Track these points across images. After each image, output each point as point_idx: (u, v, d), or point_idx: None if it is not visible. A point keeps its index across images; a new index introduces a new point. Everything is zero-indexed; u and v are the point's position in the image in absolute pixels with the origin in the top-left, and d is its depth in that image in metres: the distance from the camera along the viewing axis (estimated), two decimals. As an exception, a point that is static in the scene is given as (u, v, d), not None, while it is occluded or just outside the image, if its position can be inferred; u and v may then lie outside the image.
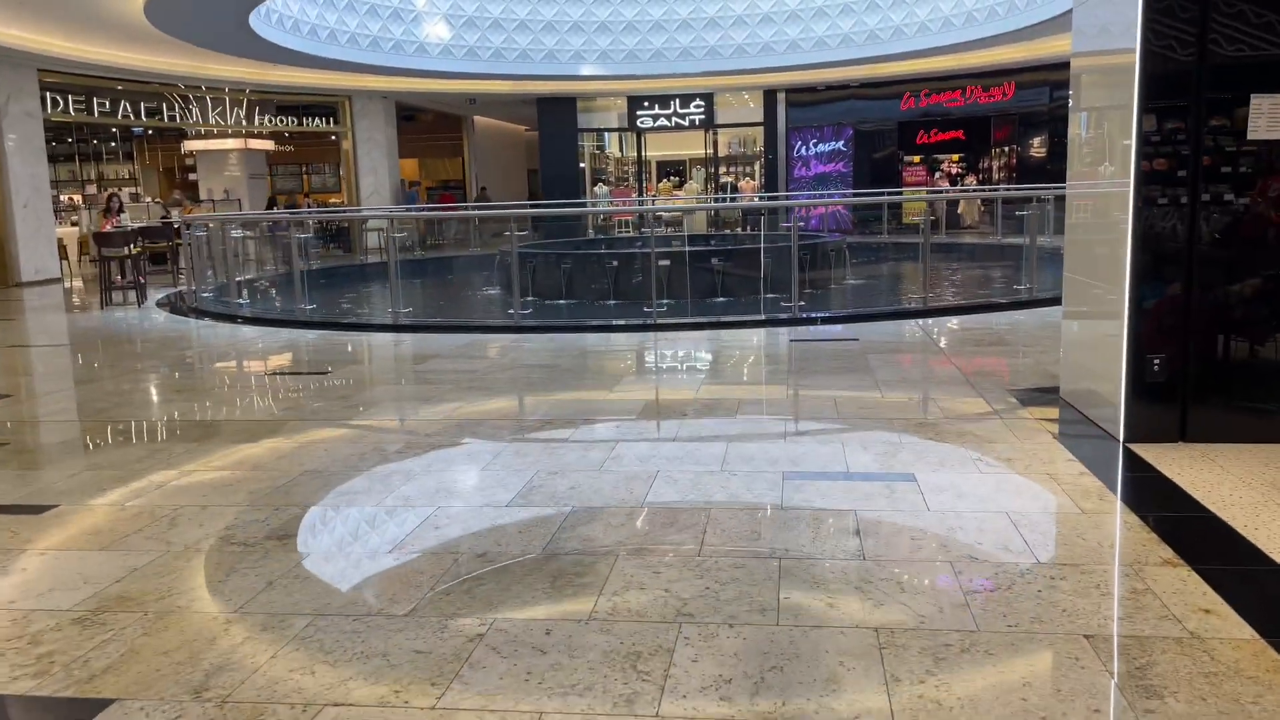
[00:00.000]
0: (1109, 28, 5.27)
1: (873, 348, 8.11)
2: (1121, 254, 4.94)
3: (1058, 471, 4.53)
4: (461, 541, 3.85)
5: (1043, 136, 22.89)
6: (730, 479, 4.57)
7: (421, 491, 4.53)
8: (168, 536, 3.99)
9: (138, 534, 4.03)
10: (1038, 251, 11.25)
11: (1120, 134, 5.00)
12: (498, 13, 20.71)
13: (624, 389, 6.79)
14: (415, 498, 4.45)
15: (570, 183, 25.84)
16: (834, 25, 20.63)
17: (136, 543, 3.93)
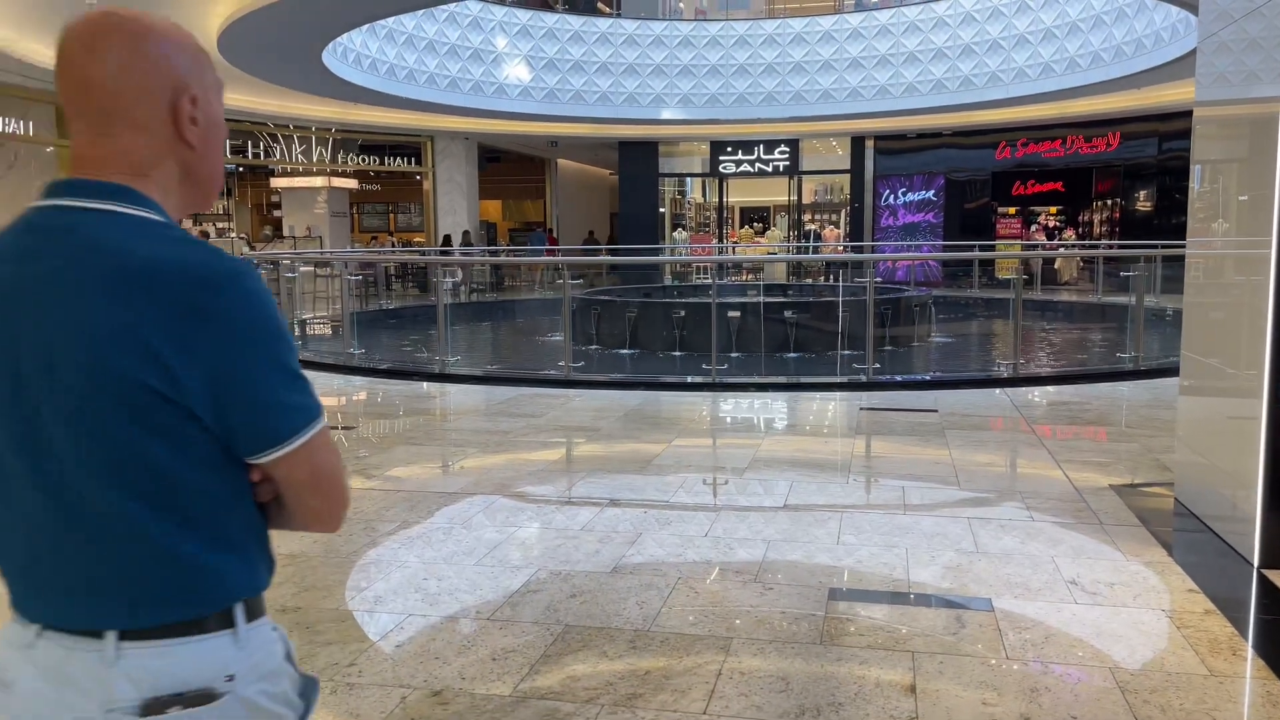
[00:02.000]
0: (1254, 73, 4.40)
1: (953, 422, 7.21)
2: (1259, 330, 4.04)
3: (1175, 607, 3.62)
4: (418, 671, 3.15)
5: (1150, 190, 21.51)
6: (764, 595, 3.79)
7: (396, 590, 3.85)
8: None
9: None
10: (1144, 314, 10.17)
11: (1258, 190, 4.11)
12: (579, 55, 20.45)
13: (659, 465, 6.05)
14: (388, 598, 3.78)
15: (649, 228, 25.36)
16: (925, 71, 19.77)
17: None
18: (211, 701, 1.12)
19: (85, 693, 1.11)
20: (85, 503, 1.11)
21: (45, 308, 1.09)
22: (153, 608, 1.13)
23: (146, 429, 1.09)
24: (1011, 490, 5.41)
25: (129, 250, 1.10)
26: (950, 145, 23.85)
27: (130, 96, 1.15)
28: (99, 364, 1.07)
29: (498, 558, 4.25)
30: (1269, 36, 4.14)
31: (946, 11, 19.57)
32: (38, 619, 1.15)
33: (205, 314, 1.08)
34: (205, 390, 1.10)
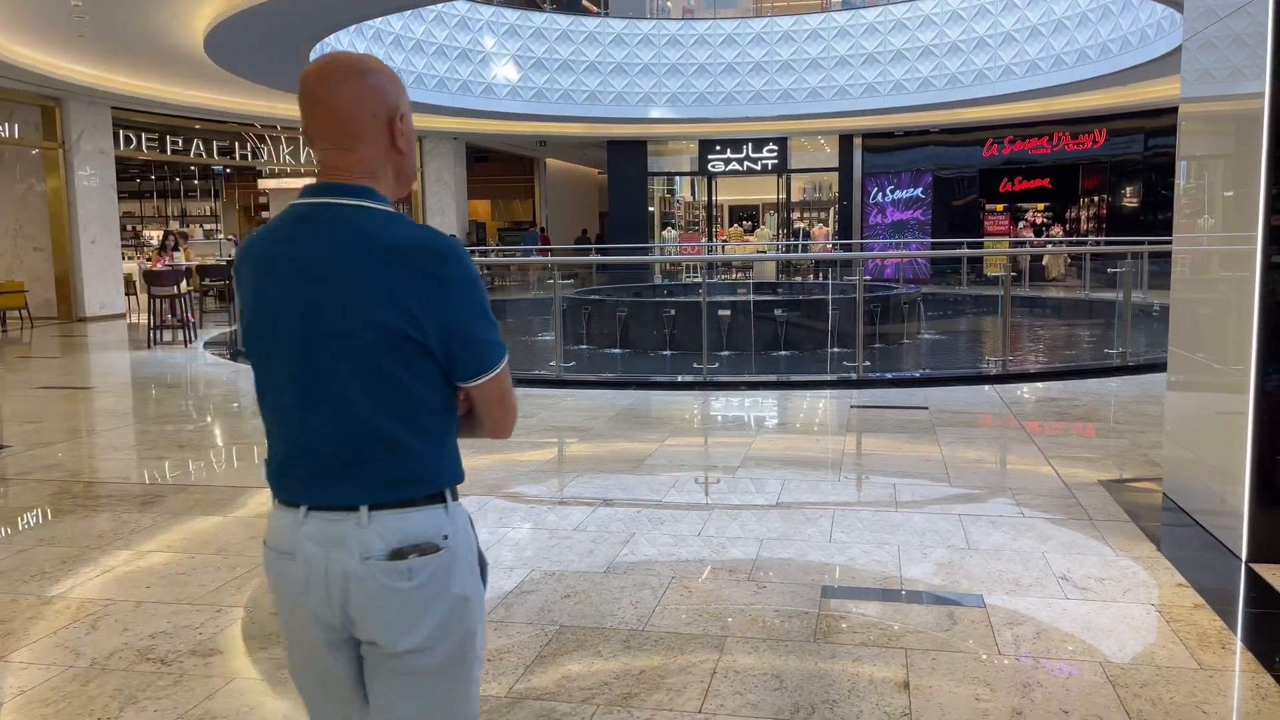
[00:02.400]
0: (1239, 70, 4.44)
1: (943, 419, 7.24)
2: (1245, 326, 4.07)
3: (1165, 601, 3.65)
4: (414, 671, 3.15)
5: (1136, 186, 21.63)
6: (757, 593, 3.80)
7: (391, 593, 3.86)
8: (80, 645, 3.38)
9: (49, 639, 3.44)
10: (1132, 310, 10.23)
11: (1244, 186, 4.15)
12: (567, 54, 20.43)
13: (651, 465, 6.06)
14: (382, 601, 3.78)
15: (638, 226, 25.36)
16: (913, 69, 19.82)
17: (43, 652, 3.33)
18: (436, 553, 1.56)
19: (348, 550, 1.54)
20: (350, 415, 1.54)
21: (330, 276, 1.52)
22: (395, 488, 1.56)
23: (397, 359, 1.52)
24: (1002, 486, 5.44)
25: (385, 235, 1.52)
26: (938, 143, 23.92)
27: (362, 121, 1.58)
28: (369, 315, 1.50)
29: (491, 559, 4.25)
30: (1253, 33, 4.15)
31: (933, 9, 19.63)
32: (304, 502, 1.57)
33: (437, 278, 1.52)
34: (436, 332, 1.53)
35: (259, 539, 4.55)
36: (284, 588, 1.62)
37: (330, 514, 1.56)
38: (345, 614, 1.57)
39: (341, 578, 1.55)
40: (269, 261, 1.60)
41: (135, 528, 4.78)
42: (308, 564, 1.57)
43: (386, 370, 1.53)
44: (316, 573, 1.56)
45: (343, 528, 1.55)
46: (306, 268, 1.54)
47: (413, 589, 1.55)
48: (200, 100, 17.80)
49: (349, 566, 1.54)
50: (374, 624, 1.56)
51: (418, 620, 1.56)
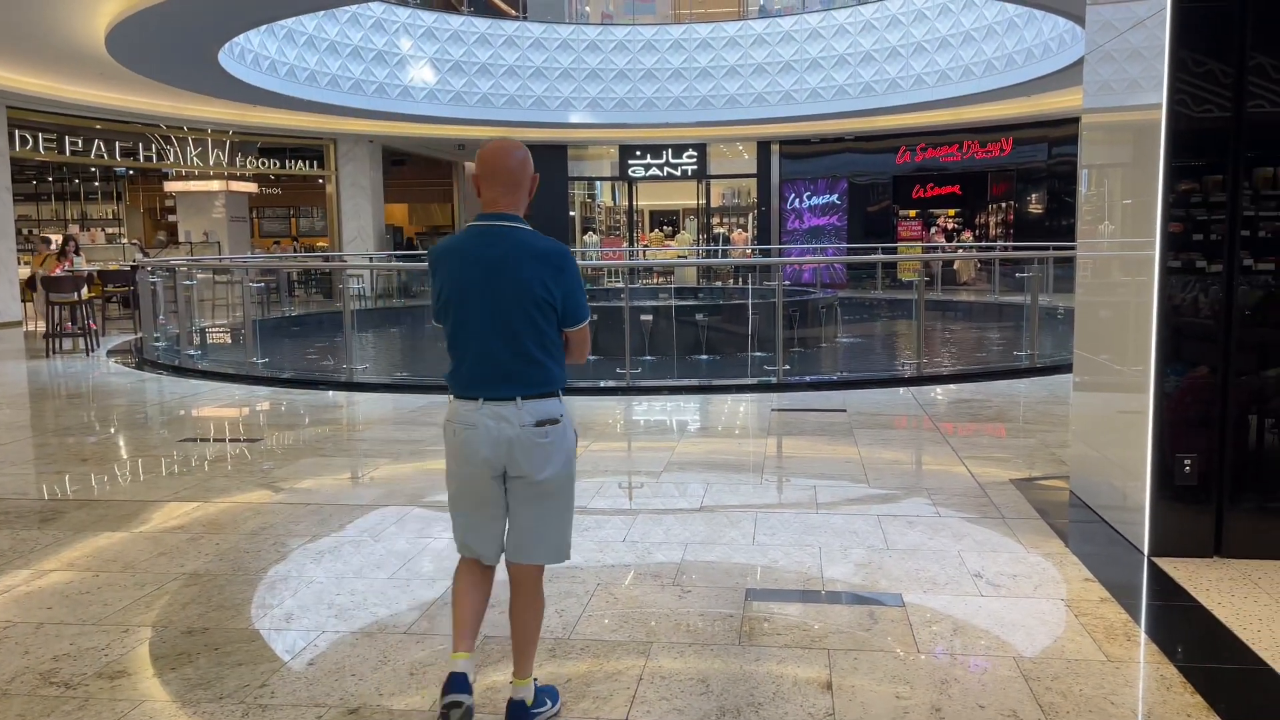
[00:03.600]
0: (1136, 82, 4.63)
1: (861, 421, 7.38)
2: (1145, 330, 4.25)
3: (1073, 596, 3.78)
4: (334, 690, 3.08)
5: (1041, 193, 22.40)
6: (682, 598, 3.82)
7: (307, 606, 3.76)
8: (-25, 671, 3.21)
9: (-59, 666, 3.26)
10: (1038, 313, 10.58)
11: (1142, 194, 4.33)
12: (485, 58, 20.27)
13: (588, 462, 6.03)
14: (299, 615, 3.69)
15: (559, 231, 25.26)
16: (828, 77, 20.21)
17: (-66, 679, 3.15)
18: (557, 423, 2.67)
19: (510, 422, 2.63)
20: (516, 345, 2.63)
21: (504, 267, 2.61)
22: (535, 387, 2.65)
23: (540, 314, 2.63)
24: (918, 486, 5.56)
25: (533, 244, 2.65)
26: (853, 150, 24.41)
27: (522, 177, 2.71)
28: (527, 289, 2.60)
29: (412, 570, 4.19)
30: (1150, 47, 4.34)
31: (847, 19, 20.04)
32: (479, 396, 2.66)
33: (561, 269, 2.64)
34: (560, 298, 2.64)
35: (169, 555, 4.40)
36: (465, 446, 2.70)
37: (500, 403, 2.66)
38: (508, 458, 2.67)
39: (506, 439, 2.66)
40: (462, 256, 2.70)
41: (34, 546, 4.57)
42: (486, 430, 2.66)
43: (534, 320, 2.66)
44: (491, 435, 2.66)
45: (507, 409, 2.66)
46: (489, 262, 2.65)
47: (547, 443, 2.69)
48: (102, 100, 17.17)
49: (511, 433, 2.66)
50: (525, 464, 2.68)
51: (550, 460, 2.70)
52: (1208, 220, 4.13)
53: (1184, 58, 4.05)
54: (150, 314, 12.61)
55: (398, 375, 10.93)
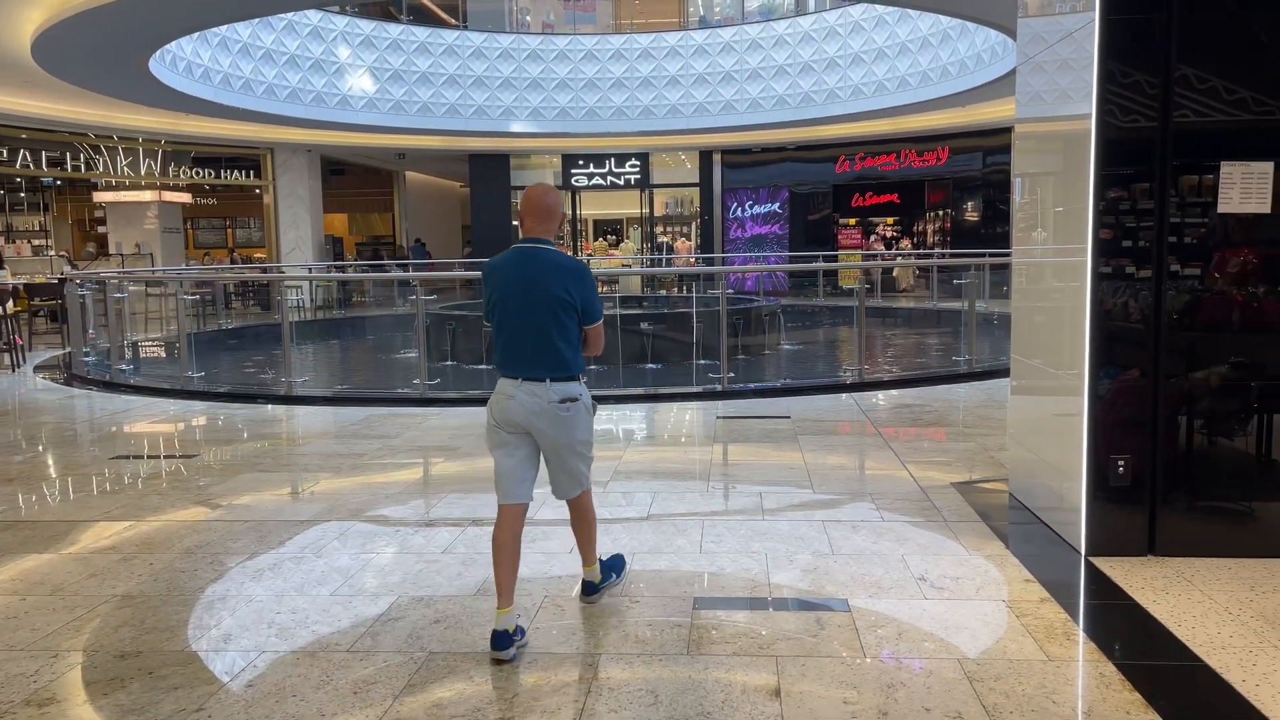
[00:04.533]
0: (1066, 93, 4.74)
1: (805, 428, 7.45)
2: (1079, 335, 4.35)
3: (1014, 597, 3.84)
4: (274, 711, 3.00)
5: (976, 201, 22.88)
6: (630, 608, 3.80)
7: (246, 626, 3.67)
8: (-108, 703, 3.07)
9: None
10: (976, 319, 10.79)
11: (1074, 202, 4.43)
12: (425, 67, 20.11)
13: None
14: (238, 635, 3.59)
15: (503, 241, 25.11)
16: (768, 87, 20.42)
17: None
18: (576, 401, 3.52)
19: (541, 397, 3.48)
20: (545, 338, 3.47)
21: (538, 279, 3.46)
22: (559, 371, 3.49)
23: (565, 314, 3.48)
24: (862, 491, 5.62)
25: (560, 260, 3.50)
26: (793, 159, 24.70)
27: (556, 211, 3.60)
28: (554, 295, 3.45)
29: (355, 586, 4.11)
30: (1079, 58, 4.46)
31: (786, 30, 20.28)
32: (518, 376, 3.49)
33: (581, 279, 3.52)
34: (580, 302, 3.50)
35: (100, 576, 4.26)
36: (506, 411, 3.52)
37: (532, 383, 3.49)
38: (537, 424, 3.51)
39: (538, 410, 3.50)
40: (506, 270, 3.53)
41: (-43, 570, 4.39)
42: (521, 401, 3.49)
43: (560, 319, 3.49)
44: (525, 406, 3.49)
45: (539, 387, 3.48)
46: (526, 274, 3.49)
47: (569, 415, 3.54)
48: (27, 108, 16.69)
49: (541, 405, 3.49)
50: (551, 431, 3.54)
51: (572, 429, 3.57)
52: (1136, 227, 4.25)
53: (1112, 69, 4.16)
54: (79, 328, 12.25)
55: (338, 388, 10.76)
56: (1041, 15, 5.09)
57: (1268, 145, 4.17)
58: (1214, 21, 4.21)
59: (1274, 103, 4.15)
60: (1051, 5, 4.97)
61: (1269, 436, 4.31)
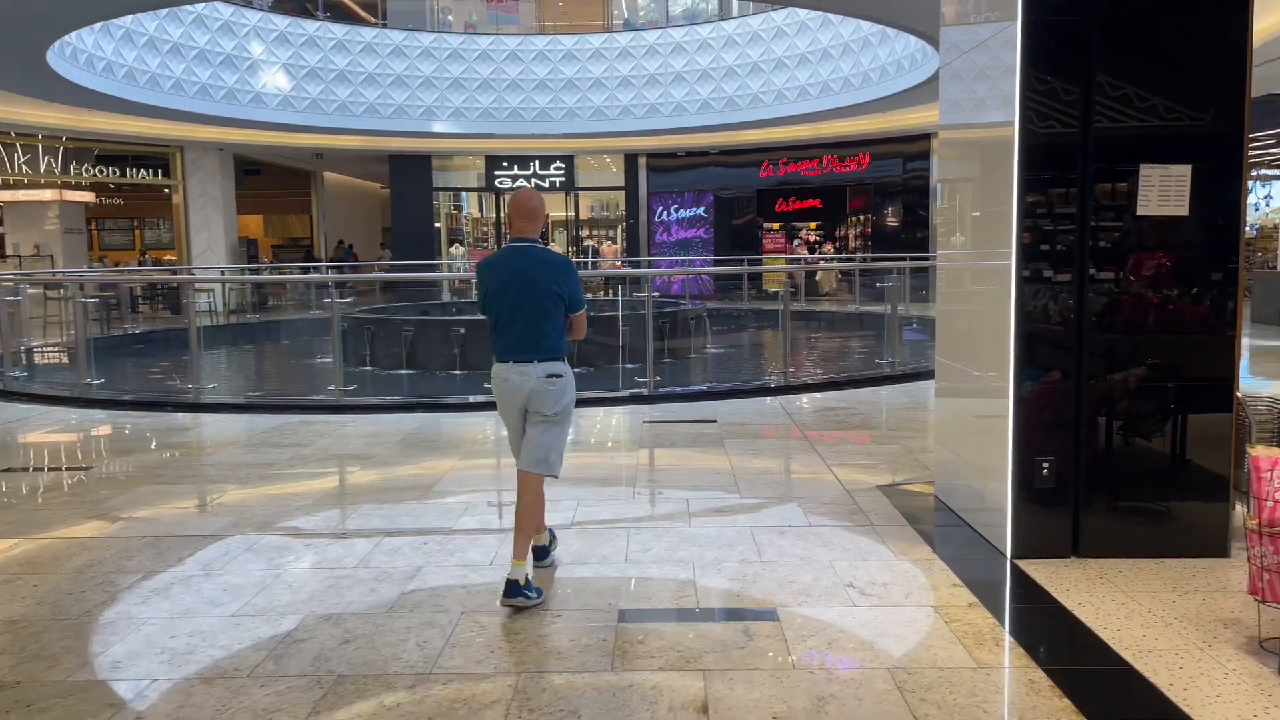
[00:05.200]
0: (983, 101, 4.74)
1: (731, 431, 7.38)
2: (1003, 336, 4.34)
3: (943, 602, 3.80)
4: (165, 744, 2.77)
5: (896, 206, 23.27)
6: (553, 623, 3.65)
7: (138, 652, 3.41)
8: None
9: None
10: (899, 322, 10.89)
11: (997, 207, 4.43)
12: (343, 65, 19.64)
13: (440, 491, 5.80)
14: (128, 662, 3.33)
15: (424, 243, 24.74)
16: (692, 91, 20.46)
17: None
18: (561, 378, 3.97)
19: (530, 376, 3.92)
20: (535, 326, 3.91)
21: (534, 272, 3.92)
22: (546, 353, 3.94)
23: (553, 304, 3.92)
24: (789, 495, 5.55)
25: (548, 257, 4.01)
26: (718, 164, 24.80)
27: (540, 213, 4.07)
28: (544, 287, 3.91)
29: (259, 605, 3.87)
30: (994, 67, 4.51)
31: (710, 34, 20.35)
32: (510, 359, 3.95)
33: (566, 272, 3.98)
34: (567, 293, 3.95)
35: (-23, 601, 3.93)
36: (503, 394, 3.98)
37: (522, 364, 3.90)
38: (529, 400, 3.93)
39: (528, 388, 3.91)
40: (499, 266, 3.97)
41: None
42: (513, 382, 3.93)
43: (547, 308, 3.90)
44: (518, 385, 3.92)
45: (528, 367, 3.90)
46: (517, 269, 3.91)
47: (555, 390, 3.93)
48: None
49: (531, 384, 3.90)
50: (539, 403, 3.93)
51: (556, 401, 3.95)
52: (1055, 230, 4.26)
53: (1033, 77, 4.16)
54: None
55: (250, 395, 10.36)
56: (962, 24, 5.10)
57: (1179, 151, 4.21)
58: (1130, 31, 4.23)
59: (1183, 109, 4.20)
60: (969, 15, 4.97)
61: (1184, 437, 4.35)
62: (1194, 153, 4.20)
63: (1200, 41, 4.20)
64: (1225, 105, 4.18)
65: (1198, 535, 4.27)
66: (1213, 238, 4.27)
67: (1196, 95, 4.19)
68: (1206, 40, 4.20)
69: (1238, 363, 4.33)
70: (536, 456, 3.97)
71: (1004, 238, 4.31)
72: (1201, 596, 3.77)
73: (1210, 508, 4.28)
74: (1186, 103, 4.20)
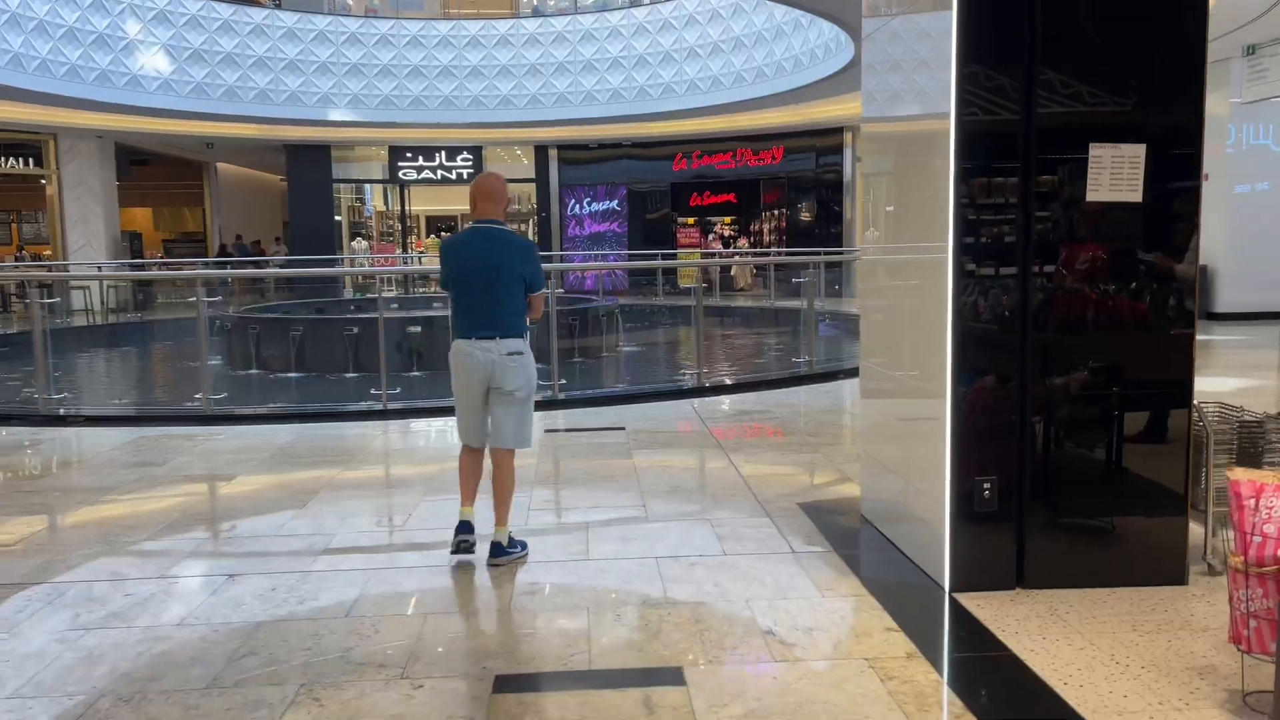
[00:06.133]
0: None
1: (641, 440, 6.78)
2: (938, 341, 3.81)
3: (877, 653, 3.24)
4: None
5: (810, 201, 23.01)
6: (411, 698, 2.98)
7: None
8: None
9: None
10: (815, 318, 10.45)
11: (931, 199, 3.90)
12: (231, 47, 18.44)
13: (299, 521, 5.05)
14: None
15: (325, 237, 23.59)
16: (603, 80, 19.82)
17: None
18: (521, 354, 4.28)
19: (491, 352, 4.21)
20: (498, 305, 4.23)
21: (493, 253, 4.26)
22: (509, 330, 4.26)
23: (516, 285, 4.26)
24: (701, 516, 4.96)
25: (510, 239, 4.38)
26: (631, 157, 24.21)
27: (500, 194, 4.42)
28: (508, 267, 4.25)
29: (42, 682, 3.11)
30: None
31: (621, 22, 19.74)
32: (473, 336, 4.22)
33: (527, 255, 4.37)
34: (529, 274, 4.31)
35: None
36: (465, 368, 4.21)
37: (486, 340, 4.17)
38: (490, 375, 4.18)
39: (490, 362, 4.17)
40: (462, 246, 4.32)
41: None
42: (475, 357, 4.18)
43: (509, 287, 4.22)
44: (479, 360, 4.18)
45: (491, 344, 4.18)
46: (480, 249, 4.25)
47: (515, 365, 4.21)
48: None
49: (493, 358, 4.18)
50: (501, 379, 4.19)
51: (516, 376, 4.22)
52: (997, 221, 3.75)
53: (973, 70, 3.64)
54: None
55: (113, 404, 9.37)
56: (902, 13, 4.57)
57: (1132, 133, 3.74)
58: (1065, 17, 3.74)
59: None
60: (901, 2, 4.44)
61: (1121, 449, 3.89)
62: (1148, 133, 3.73)
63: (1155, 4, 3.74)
64: (1181, 76, 3.72)
65: (1153, 560, 3.82)
66: (1167, 227, 3.81)
67: (1147, 70, 3.72)
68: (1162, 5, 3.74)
69: (1193, 364, 3.88)
70: (507, 433, 4.29)
71: (939, 230, 3.79)
72: (1166, 637, 3.30)
73: (1165, 526, 3.82)
74: (1139, 77, 3.73)
